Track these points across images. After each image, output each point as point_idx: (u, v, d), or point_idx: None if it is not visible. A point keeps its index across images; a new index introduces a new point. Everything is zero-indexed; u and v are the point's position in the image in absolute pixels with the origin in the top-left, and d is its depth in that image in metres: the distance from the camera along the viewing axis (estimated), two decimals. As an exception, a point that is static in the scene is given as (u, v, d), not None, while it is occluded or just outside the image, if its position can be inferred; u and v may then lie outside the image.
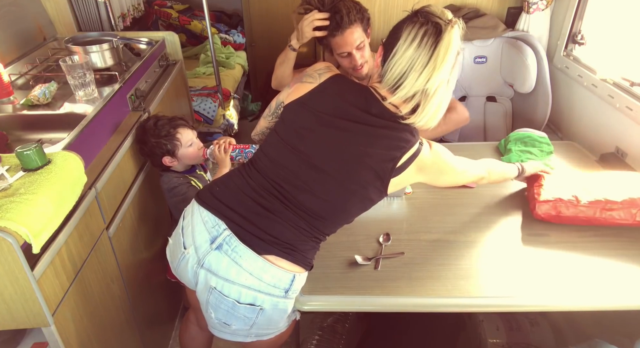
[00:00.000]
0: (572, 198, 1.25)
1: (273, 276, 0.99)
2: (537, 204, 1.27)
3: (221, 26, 3.77)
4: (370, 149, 0.98)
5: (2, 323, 1.09)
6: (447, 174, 1.10)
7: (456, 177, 1.14)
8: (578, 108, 1.83)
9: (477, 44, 1.97)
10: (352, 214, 1.07)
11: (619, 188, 1.26)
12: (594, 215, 1.23)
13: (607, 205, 1.22)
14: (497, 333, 1.49)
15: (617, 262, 1.16)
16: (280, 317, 1.07)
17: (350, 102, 1.02)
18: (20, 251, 0.98)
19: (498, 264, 1.15)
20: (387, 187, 1.01)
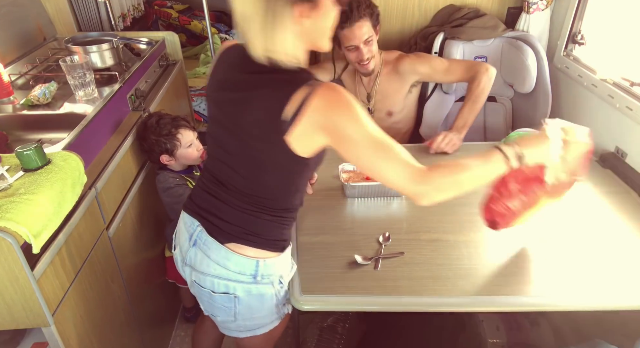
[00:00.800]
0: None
1: (237, 264, 1.02)
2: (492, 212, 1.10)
3: (221, 26, 3.77)
4: (250, 114, 0.91)
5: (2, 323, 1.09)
6: (359, 147, 0.86)
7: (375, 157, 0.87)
8: (578, 108, 1.83)
9: (477, 44, 1.97)
10: (278, 187, 1.00)
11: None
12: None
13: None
14: (497, 333, 1.49)
15: (617, 262, 1.15)
16: (261, 304, 1.07)
17: (231, 72, 0.98)
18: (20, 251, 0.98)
19: (498, 264, 1.15)
20: (290, 147, 0.88)
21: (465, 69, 1.73)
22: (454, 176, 0.89)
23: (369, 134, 0.86)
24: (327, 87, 0.85)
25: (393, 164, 0.87)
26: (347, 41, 1.64)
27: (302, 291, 1.07)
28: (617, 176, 1.49)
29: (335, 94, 0.85)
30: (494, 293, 1.07)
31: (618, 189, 1.43)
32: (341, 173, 1.43)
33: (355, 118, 0.85)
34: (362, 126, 0.85)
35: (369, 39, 1.64)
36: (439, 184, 0.88)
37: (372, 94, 1.85)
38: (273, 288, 1.07)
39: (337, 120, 0.85)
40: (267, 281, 1.05)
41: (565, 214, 1.33)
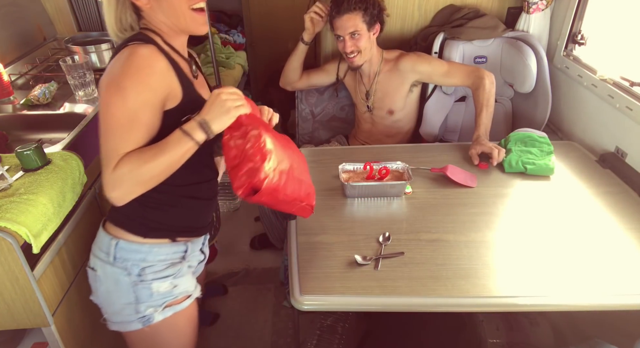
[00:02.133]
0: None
1: (98, 237, 1.05)
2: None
3: (221, 26, 3.77)
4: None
5: (2, 323, 1.09)
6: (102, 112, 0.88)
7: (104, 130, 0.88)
8: (578, 108, 1.83)
9: (477, 44, 1.97)
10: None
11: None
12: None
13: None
14: (497, 333, 1.49)
15: (617, 262, 1.15)
16: (115, 291, 1.03)
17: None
18: (20, 251, 0.98)
19: (498, 264, 1.15)
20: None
21: (465, 74, 1.74)
22: (137, 164, 0.86)
23: (115, 109, 0.86)
24: (130, 49, 0.90)
25: (109, 146, 0.87)
26: (335, 30, 1.70)
27: (302, 292, 1.07)
28: (617, 176, 1.49)
29: (126, 57, 0.89)
30: (494, 293, 1.07)
31: (618, 189, 1.43)
32: (341, 173, 1.43)
33: (117, 88, 0.86)
34: (116, 97, 0.86)
35: (356, 32, 1.66)
36: (123, 177, 0.86)
37: (371, 92, 1.85)
38: (129, 277, 1.01)
39: (106, 81, 0.89)
40: (120, 266, 1.01)
41: (565, 214, 1.33)
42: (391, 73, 1.81)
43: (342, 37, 1.68)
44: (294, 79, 1.97)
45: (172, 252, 1.07)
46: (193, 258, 1.18)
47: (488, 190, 1.44)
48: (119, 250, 1.01)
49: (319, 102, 2.13)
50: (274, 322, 1.96)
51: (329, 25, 1.75)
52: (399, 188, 1.40)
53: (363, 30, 1.68)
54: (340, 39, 1.71)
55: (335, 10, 1.66)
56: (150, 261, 1.03)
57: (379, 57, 1.80)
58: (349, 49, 1.69)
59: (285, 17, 3.60)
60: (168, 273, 1.06)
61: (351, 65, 1.77)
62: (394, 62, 1.81)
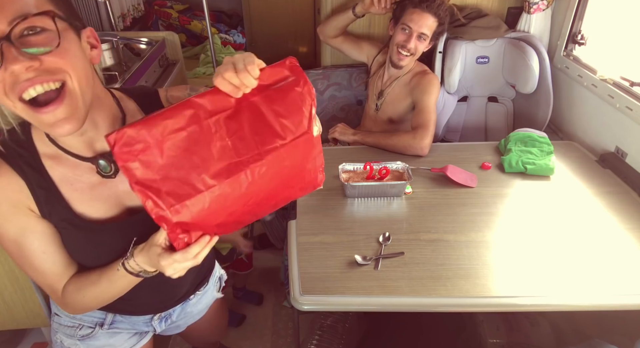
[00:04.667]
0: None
1: None
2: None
3: (221, 26, 3.78)
4: None
5: (2, 323, 1.09)
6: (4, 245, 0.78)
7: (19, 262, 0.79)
8: (578, 108, 1.83)
9: (479, 44, 1.97)
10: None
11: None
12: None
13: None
14: (497, 333, 1.49)
15: (616, 262, 1.15)
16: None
17: None
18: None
19: (498, 264, 1.15)
20: None
21: (418, 121, 1.66)
22: (83, 297, 0.80)
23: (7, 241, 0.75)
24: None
25: (34, 278, 0.80)
26: (408, 21, 1.64)
27: (302, 292, 1.07)
28: (617, 176, 1.49)
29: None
30: (494, 293, 1.07)
31: (618, 189, 1.43)
32: (341, 173, 1.43)
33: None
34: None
35: (424, 36, 1.64)
36: (76, 306, 0.82)
37: (384, 93, 1.83)
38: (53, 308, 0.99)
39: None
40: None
41: (565, 214, 1.33)
42: (407, 84, 1.78)
43: (410, 31, 1.64)
44: (328, 33, 1.94)
45: (83, 316, 0.96)
46: (127, 325, 1.03)
47: (488, 190, 1.44)
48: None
49: (319, 102, 2.13)
50: (274, 322, 1.96)
51: (397, 12, 1.69)
52: (399, 188, 1.40)
53: (429, 38, 1.66)
54: (405, 32, 1.65)
55: (424, 4, 1.60)
56: (59, 311, 0.96)
57: (411, 65, 1.78)
58: (410, 46, 1.65)
59: (285, 18, 3.60)
60: (72, 333, 0.97)
61: (396, 62, 1.72)
62: (414, 75, 1.77)
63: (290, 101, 0.68)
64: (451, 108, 2.06)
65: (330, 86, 2.11)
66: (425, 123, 1.63)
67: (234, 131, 0.66)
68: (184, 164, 0.64)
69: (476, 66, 2.00)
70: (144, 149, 0.62)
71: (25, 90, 0.59)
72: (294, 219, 1.32)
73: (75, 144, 0.74)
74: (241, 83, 0.63)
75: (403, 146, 1.62)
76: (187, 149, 0.64)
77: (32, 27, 0.58)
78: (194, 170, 0.65)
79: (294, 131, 0.68)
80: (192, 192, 0.65)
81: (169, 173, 0.64)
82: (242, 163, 0.66)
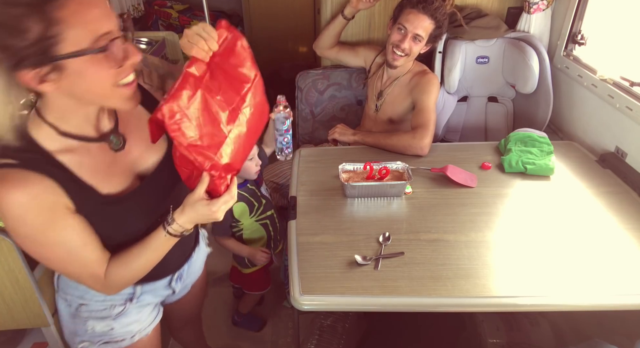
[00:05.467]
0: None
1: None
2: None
3: (221, 26, 3.77)
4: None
5: (2, 323, 1.09)
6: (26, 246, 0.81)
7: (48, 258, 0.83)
8: (578, 108, 1.83)
9: (479, 44, 1.97)
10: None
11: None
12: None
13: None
14: (497, 333, 1.49)
15: (616, 262, 1.15)
16: (63, 318, 1.03)
17: None
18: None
19: (498, 264, 1.15)
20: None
21: (416, 122, 1.66)
22: (128, 271, 0.88)
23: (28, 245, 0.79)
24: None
25: (68, 272, 0.86)
26: (404, 21, 1.64)
27: (302, 291, 1.07)
28: (617, 176, 1.49)
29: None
30: (494, 293, 1.07)
31: (618, 189, 1.43)
32: (341, 173, 1.43)
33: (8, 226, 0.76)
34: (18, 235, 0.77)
35: (419, 37, 1.64)
36: (119, 283, 0.89)
37: (384, 94, 1.84)
38: (69, 308, 1.00)
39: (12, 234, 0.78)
40: (62, 297, 1.00)
41: (565, 214, 1.33)
42: (407, 84, 1.78)
43: (405, 31, 1.64)
44: (324, 45, 1.98)
45: (115, 295, 1.00)
46: (151, 295, 1.09)
47: (488, 190, 1.44)
48: (61, 282, 1.00)
49: (319, 102, 2.13)
50: (274, 322, 1.96)
51: (396, 12, 1.69)
52: (399, 188, 1.40)
53: (424, 39, 1.66)
54: (401, 32, 1.66)
55: (420, 5, 1.60)
56: (86, 301, 0.99)
57: (410, 65, 1.78)
58: (404, 46, 1.65)
59: (285, 18, 3.60)
60: (105, 315, 1.00)
61: (390, 61, 1.73)
62: (413, 76, 1.77)
63: (238, 54, 0.84)
64: (451, 108, 2.06)
65: (330, 86, 2.11)
66: (425, 123, 1.63)
67: (217, 88, 0.81)
68: (206, 121, 0.79)
69: (476, 66, 2.00)
70: (181, 118, 0.76)
71: (127, 75, 0.75)
72: (294, 219, 1.32)
73: (86, 128, 0.81)
74: (209, 49, 0.79)
75: (403, 146, 1.62)
76: (203, 109, 0.79)
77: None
78: (213, 123, 0.80)
79: (250, 74, 0.86)
80: (222, 139, 0.81)
81: (201, 131, 0.78)
82: (235, 108, 0.84)
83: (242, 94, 0.85)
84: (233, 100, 0.83)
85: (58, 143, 0.78)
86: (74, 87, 0.72)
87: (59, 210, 0.77)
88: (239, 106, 0.84)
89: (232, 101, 0.83)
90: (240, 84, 0.85)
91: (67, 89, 0.72)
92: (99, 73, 0.72)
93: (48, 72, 0.68)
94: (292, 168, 1.59)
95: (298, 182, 1.50)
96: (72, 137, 0.79)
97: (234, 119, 0.83)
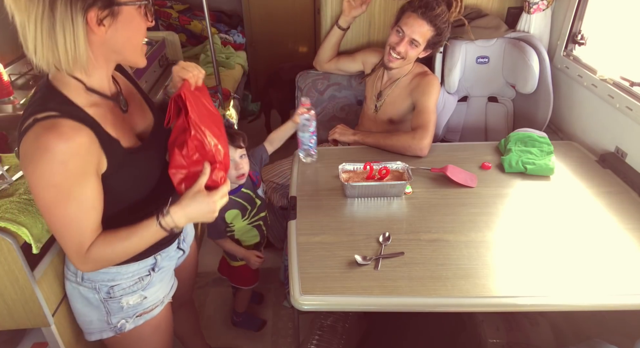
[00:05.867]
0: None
1: (67, 258, 1.05)
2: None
3: (221, 26, 3.77)
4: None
5: (2, 323, 1.09)
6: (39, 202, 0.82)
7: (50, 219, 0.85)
8: (578, 108, 1.83)
9: (479, 44, 1.97)
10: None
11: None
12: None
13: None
14: (497, 333, 1.49)
15: (616, 262, 1.15)
16: (89, 307, 1.05)
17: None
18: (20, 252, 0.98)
19: (498, 264, 1.15)
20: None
21: (416, 123, 1.67)
22: (110, 252, 0.90)
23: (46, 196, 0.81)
24: (34, 133, 0.78)
25: (61, 233, 0.86)
26: (403, 24, 1.65)
27: (302, 291, 1.07)
28: (617, 176, 1.49)
29: (31, 143, 0.78)
30: (494, 293, 1.07)
31: (618, 189, 1.43)
32: (341, 173, 1.43)
33: (37, 174, 0.79)
34: (41, 185, 0.80)
35: (416, 41, 1.64)
36: (98, 261, 0.91)
37: (384, 95, 1.84)
38: (98, 295, 1.03)
39: (25, 171, 0.81)
40: (89, 286, 1.02)
41: (565, 214, 1.33)
42: (407, 85, 1.78)
43: (403, 34, 1.65)
44: (324, 59, 2.01)
45: (140, 268, 1.06)
46: (167, 261, 1.16)
47: (488, 190, 1.44)
48: (85, 273, 1.01)
49: (319, 102, 2.13)
50: (274, 322, 1.96)
51: (398, 14, 1.69)
52: (399, 188, 1.40)
53: (422, 45, 1.66)
54: (399, 35, 1.66)
55: (419, 10, 1.60)
56: (117, 281, 1.03)
57: (409, 67, 1.78)
58: (400, 50, 1.66)
59: (286, 18, 3.60)
60: (137, 288, 1.06)
61: (387, 63, 1.73)
62: (413, 77, 1.77)
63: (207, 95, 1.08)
64: (451, 108, 2.07)
65: (330, 86, 2.11)
66: (425, 124, 1.63)
67: (202, 105, 1.00)
68: (206, 119, 0.96)
69: (476, 66, 2.00)
70: (190, 103, 0.94)
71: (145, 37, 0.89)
72: (294, 219, 1.32)
73: (104, 86, 0.91)
74: (197, 76, 1.02)
75: (402, 147, 1.63)
76: (204, 111, 0.98)
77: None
78: (211, 122, 0.98)
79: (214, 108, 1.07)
80: (219, 136, 0.98)
81: (203, 120, 0.94)
82: (216, 121, 1.03)
83: (217, 116, 1.06)
84: (212, 117, 1.03)
85: (85, 98, 0.85)
86: (119, 35, 0.83)
87: (90, 169, 0.83)
88: (218, 121, 1.04)
89: (212, 117, 1.02)
90: (214, 108, 1.06)
91: (112, 36, 0.82)
92: (141, 24, 0.86)
93: (106, 16, 0.79)
94: (292, 168, 1.59)
95: (298, 182, 1.50)
96: (95, 92, 0.87)
97: (220, 127, 1.03)
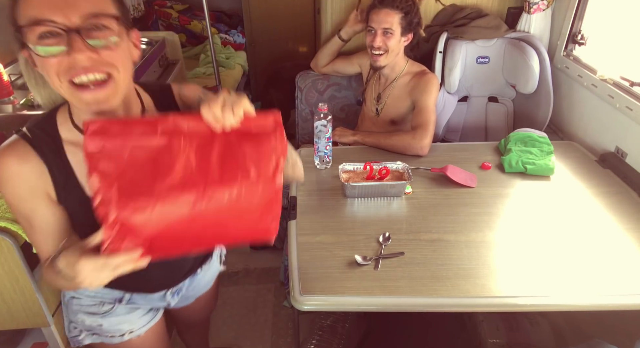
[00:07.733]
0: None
1: None
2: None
3: (221, 26, 3.77)
4: None
5: (2, 323, 1.09)
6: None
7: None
8: (578, 108, 1.83)
9: (479, 44, 1.97)
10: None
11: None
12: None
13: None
14: (497, 333, 1.49)
15: (616, 262, 1.15)
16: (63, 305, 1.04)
17: None
18: (20, 252, 0.98)
19: (498, 264, 1.15)
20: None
21: (416, 122, 1.67)
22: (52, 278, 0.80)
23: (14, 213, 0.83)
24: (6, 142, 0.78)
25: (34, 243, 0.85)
26: (370, 22, 1.68)
27: (302, 291, 1.07)
28: (617, 176, 1.49)
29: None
30: (494, 293, 1.07)
31: (618, 189, 1.43)
32: (341, 173, 1.43)
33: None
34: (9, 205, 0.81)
35: (389, 30, 1.65)
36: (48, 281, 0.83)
37: (384, 97, 1.83)
38: (64, 298, 1.02)
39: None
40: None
41: (565, 214, 1.33)
42: (406, 85, 1.78)
43: (374, 31, 1.66)
44: (321, 63, 2.04)
45: (104, 293, 1.01)
46: (143, 302, 1.07)
47: (488, 190, 1.44)
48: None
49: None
50: (274, 322, 1.96)
51: (366, 18, 1.73)
52: (399, 188, 1.40)
53: (396, 31, 1.65)
54: (371, 33, 1.68)
55: (377, 4, 1.65)
56: (78, 294, 0.99)
57: (403, 65, 1.78)
58: (377, 44, 1.66)
59: (286, 18, 3.60)
60: (94, 311, 1.00)
61: (374, 64, 1.74)
62: (413, 77, 1.77)
63: (263, 149, 0.71)
64: (451, 108, 2.06)
65: (330, 86, 2.11)
66: (424, 123, 1.63)
67: (201, 155, 0.70)
68: (145, 169, 0.67)
69: (476, 66, 2.00)
70: (112, 143, 0.67)
71: (79, 75, 0.68)
72: (294, 219, 1.32)
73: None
74: (222, 117, 0.68)
75: (402, 146, 1.63)
76: (151, 158, 0.68)
77: (98, 25, 0.67)
78: (151, 177, 0.67)
79: (258, 174, 0.70)
80: (143, 196, 0.66)
81: (127, 172, 0.67)
82: (198, 184, 0.68)
83: (222, 178, 0.69)
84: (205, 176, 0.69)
85: (70, 133, 0.81)
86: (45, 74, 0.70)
87: (38, 193, 0.80)
88: (205, 185, 0.68)
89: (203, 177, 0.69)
90: (233, 171, 0.70)
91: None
92: (44, 62, 0.68)
93: (29, 55, 0.70)
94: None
95: (298, 182, 1.50)
96: (80, 131, 0.81)
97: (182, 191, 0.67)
